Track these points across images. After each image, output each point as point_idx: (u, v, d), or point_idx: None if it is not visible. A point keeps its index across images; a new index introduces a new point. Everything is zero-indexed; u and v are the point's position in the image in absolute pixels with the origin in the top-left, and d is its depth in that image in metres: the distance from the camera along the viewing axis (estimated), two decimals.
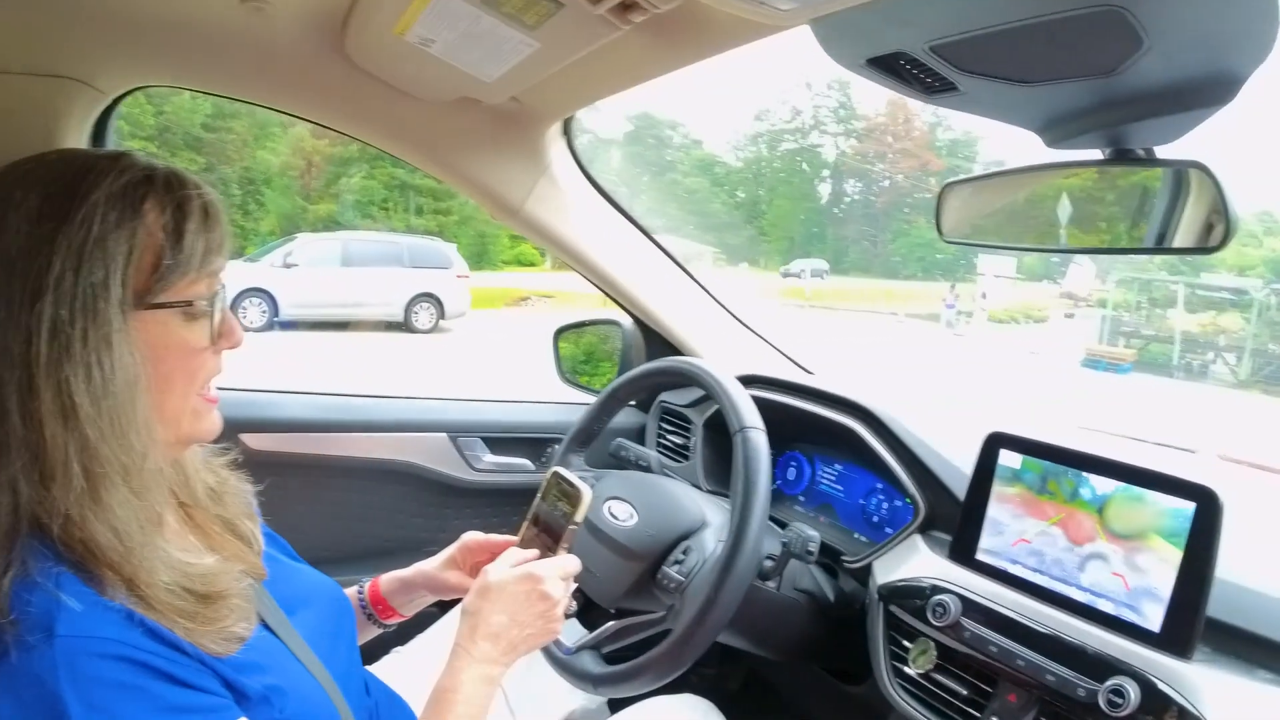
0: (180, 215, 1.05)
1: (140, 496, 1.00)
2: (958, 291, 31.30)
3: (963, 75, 1.41)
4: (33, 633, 0.89)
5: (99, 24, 1.74)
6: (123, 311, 0.99)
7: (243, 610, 1.07)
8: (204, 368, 1.11)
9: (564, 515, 1.38)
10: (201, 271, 1.07)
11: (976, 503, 1.58)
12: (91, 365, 0.96)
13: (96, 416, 0.96)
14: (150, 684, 0.93)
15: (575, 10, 1.35)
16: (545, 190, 2.25)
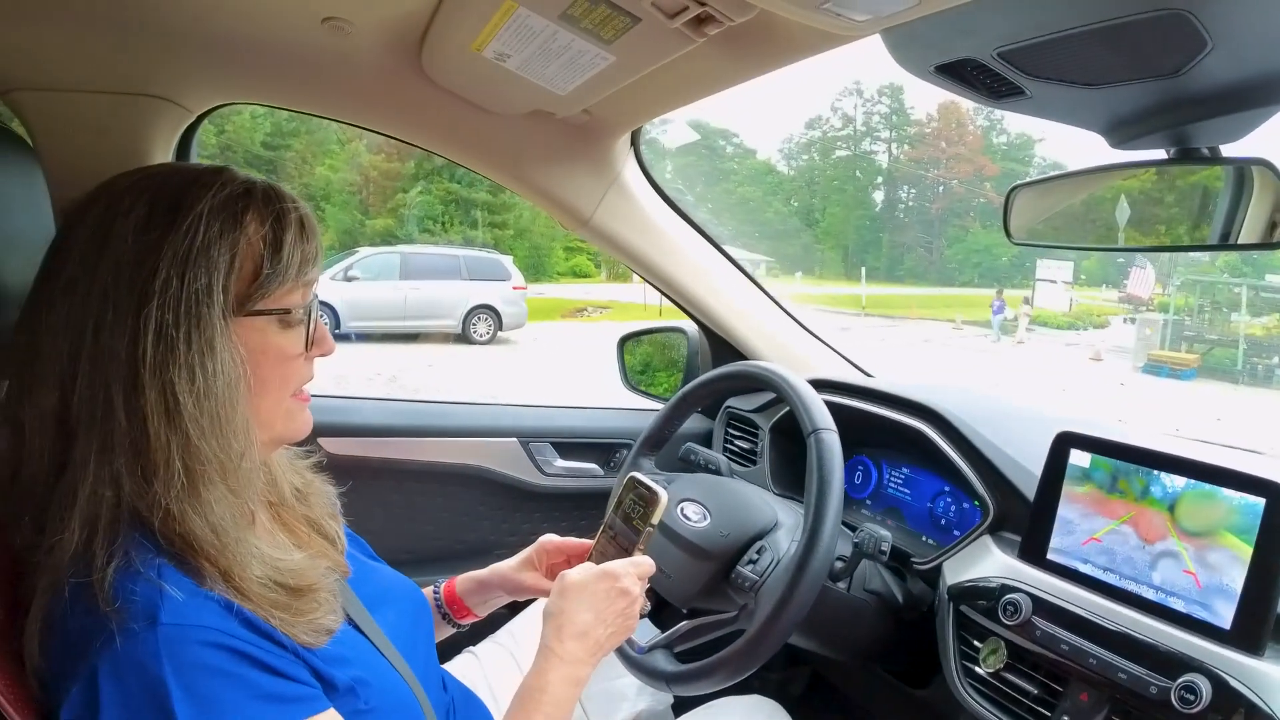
0: (279, 227, 1.10)
1: (236, 494, 1.05)
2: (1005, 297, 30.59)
3: (1029, 80, 1.43)
4: (137, 620, 0.93)
5: (187, 45, 1.81)
6: (224, 317, 1.04)
7: (330, 604, 1.12)
8: (297, 373, 1.17)
9: (641, 518, 1.42)
10: (298, 281, 1.12)
11: (1047, 502, 1.58)
12: (195, 367, 1.01)
13: (199, 416, 1.01)
14: (248, 672, 0.97)
15: (652, 24, 1.38)
16: (614, 200, 2.29)
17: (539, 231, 35.84)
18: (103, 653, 0.93)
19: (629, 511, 1.45)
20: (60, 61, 1.80)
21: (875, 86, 54.30)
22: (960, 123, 51.43)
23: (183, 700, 0.91)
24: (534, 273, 31.65)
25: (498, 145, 2.17)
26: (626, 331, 2.99)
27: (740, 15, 1.31)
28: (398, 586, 1.47)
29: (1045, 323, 32.13)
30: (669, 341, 2.96)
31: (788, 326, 2.61)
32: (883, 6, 1.16)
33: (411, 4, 1.60)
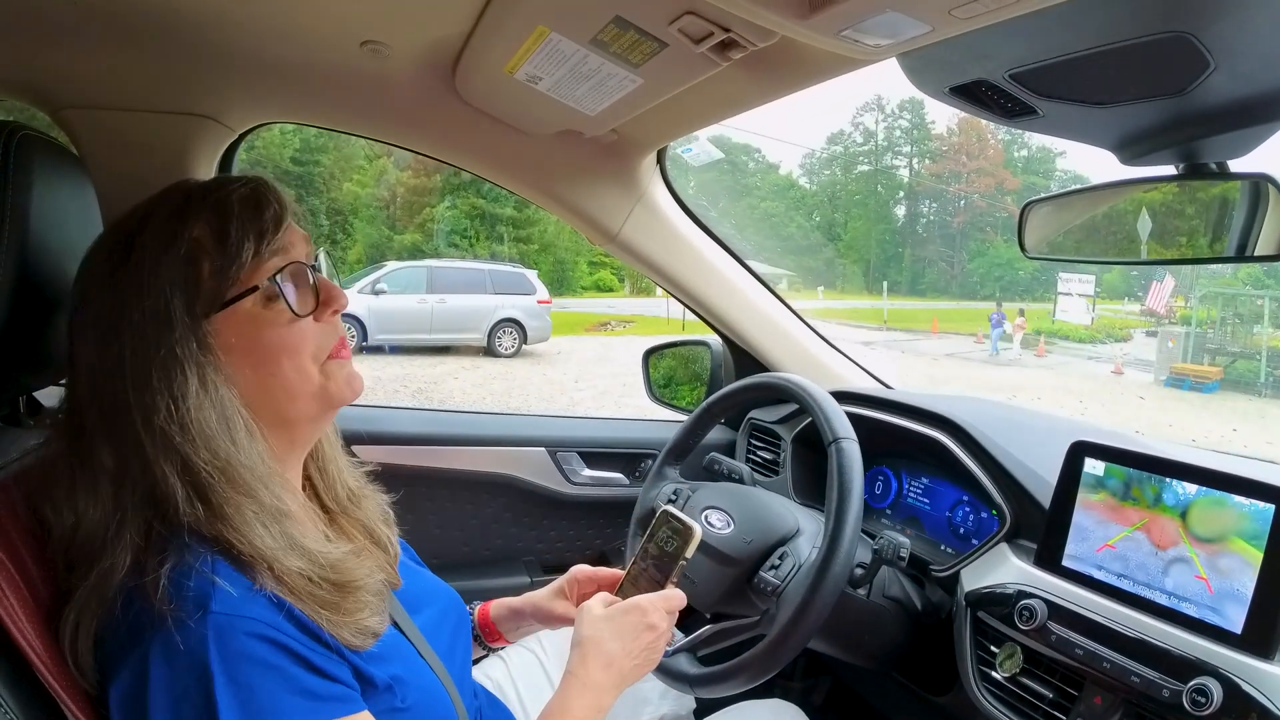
0: (220, 216, 1.13)
1: (248, 494, 1.08)
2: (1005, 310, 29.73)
3: (1041, 99, 1.47)
4: (189, 610, 0.98)
5: (232, 67, 1.88)
6: (192, 328, 1.08)
7: (375, 606, 1.16)
8: (307, 340, 1.18)
9: (674, 551, 1.46)
10: (262, 256, 1.14)
11: (1062, 510, 1.61)
12: (169, 388, 1.06)
13: (181, 433, 1.05)
14: (289, 666, 1.02)
15: (678, 49, 1.43)
16: (640, 216, 2.34)
17: (563, 246, 35.90)
18: (155, 639, 0.97)
19: (661, 544, 1.49)
20: (109, 81, 1.87)
21: (896, 101, 54.11)
22: (981, 137, 51.15)
23: (225, 687, 0.96)
24: (558, 287, 31.68)
25: (528, 163, 2.23)
26: (651, 345, 3.03)
27: (763, 40, 1.35)
28: (439, 592, 1.51)
29: (1066, 336, 31.83)
30: (692, 355, 2.99)
31: (809, 339, 2.64)
32: (898, 33, 1.20)
33: (447, 28, 1.66)
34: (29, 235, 1.18)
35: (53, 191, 1.26)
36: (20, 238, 1.17)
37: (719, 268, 2.49)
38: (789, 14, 1.17)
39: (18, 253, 1.16)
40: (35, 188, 1.20)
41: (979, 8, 1.08)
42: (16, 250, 1.16)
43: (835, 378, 2.62)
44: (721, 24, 1.33)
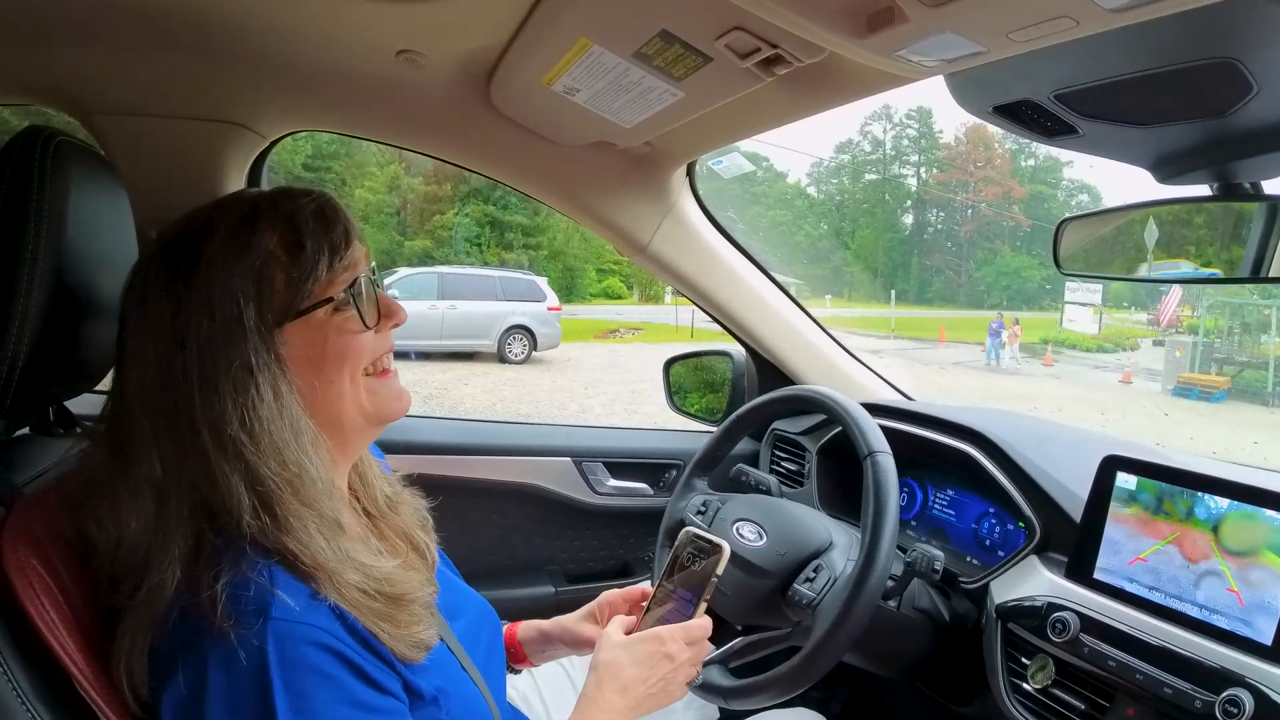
0: (294, 229, 1.14)
1: (311, 506, 1.09)
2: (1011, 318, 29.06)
3: (1083, 120, 1.48)
4: (249, 616, 0.98)
5: (266, 75, 1.90)
6: (264, 336, 1.09)
7: (427, 619, 1.17)
8: (362, 349, 1.19)
9: (703, 570, 1.45)
10: (335, 269, 1.15)
11: (1094, 523, 1.62)
12: (239, 397, 1.06)
13: (252, 443, 1.06)
14: (344, 676, 1.02)
15: (723, 64, 1.44)
16: (670, 228, 2.35)
17: (573, 253, 35.98)
18: (213, 646, 0.98)
19: (688, 564, 1.48)
20: (141, 87, 1.89)
21: (904, 110, 54.22)
22: (988, 146, 51.12)
23: (283, 693, 0.96)
24: (567, 294, 31.74)
25: (560, 174, 2.24)
26: (672, 355, 3.03)
27: (809, 57, 1.36)
28: (472, 601, 1.51)
29: (1074, 345, 31.78)
30: (705, 364, 2.99)
31: (833, 351, 2.65)
32: (951, 53, 1.21)
33: (485, 39, 1.67)
34: (64, 243, 1.18)
35: (88, 198, 1.26)
36: (56, 245, 1.17)
37: (746, 279, 2.49)
38: (845, 33, 1.19)
39: (54, 260, 1.16)
40: (71, 194, 1.20)
41: (1035, 32, 1.10)
42: (52, 258, 1.16)
43: (859, 389, 2.62)
44: (770, 40, 1.34)
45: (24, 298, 1.12)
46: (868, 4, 1.15)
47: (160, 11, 1.65)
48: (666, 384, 3.00)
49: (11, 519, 1.08)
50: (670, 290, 19.69)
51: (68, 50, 1.81)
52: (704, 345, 3.01)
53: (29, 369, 1.15)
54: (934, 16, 1.09)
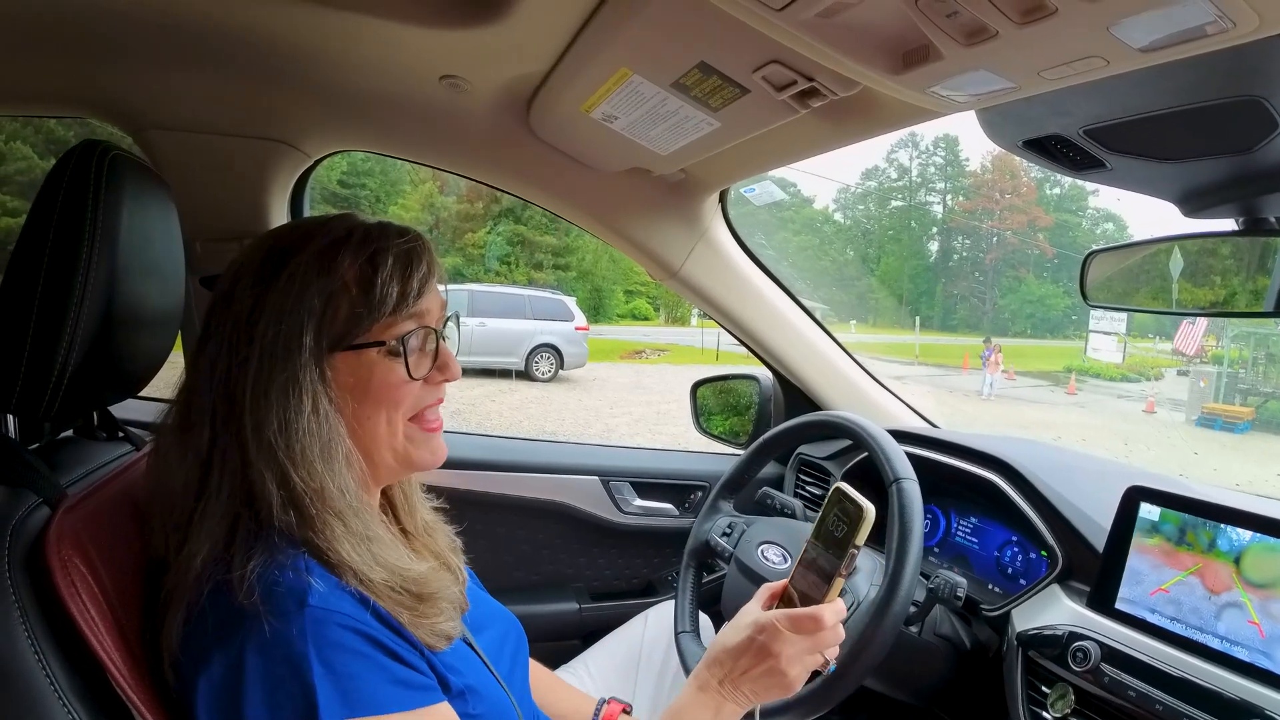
0: (371, 266, 1.17)
1: (338, 516, 1.12)
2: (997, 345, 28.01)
3: (1111, 154, 1.50)
4: (285, 604, 1.02)
5: (313, 96, 1.95)
6: (317, 357, 1.14)
7: (450, 613, 1.20)
8: (409, 398, 1.22)
9: (843, 536, 1.29)
10: (399, 314, 1.19)
11: (1117, 554, 1.62)
12: (282, 406, 1.11)
13: (287, 450, 1.10)
14: (380, 657, 1.06)
15: (760, 95, 1.47)
16: (702, 253, 2.37)
17: (601, 274, 36.00)
18: (251, 633, 1.01)
19: (831, 529, 1.32)
20: (192, 105, 1.94)
21: (931, 138, 54.04)
22: (1014, 174, 50.75)
23: (323, 676, 1.00)
24: (594, 314, 31.76)
25: (596, 198, 2.27)
26: (700, 378, 3.05)
27: (844, 91, 1.39)
28: (499, 615, 1.53)
29: (1098, 374, 31.56)
30: (730, 387, 3.01)
31: (860, 377, 2.66)
32: (983, 88, 1.24)
33: (527, 66, 1.71)
34: (117, 254, 1.21)
35: (141, 211, 1.28)
36: (109, 256, 1.19)
37: (775, 305, 2.51)
38: (881, 69, 1.22)
39: (107, 271, 1.18)
40: (125, 206, 1.22)
41: (1067, 70, 1.12)
42: (106, 268, 1.18)
43: (886, 415, 2.63)
44: (806, 73, 1.37)
45: (77, 306, 1.14)
46: (904, 41, 1.19)
47: (213, 32, 1.70)
48: (694, 406, 3.02)
49: (57, 519, 1.10)
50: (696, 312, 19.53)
51: (122, 66, 1.86)
52: (731, 369, 3.03)
53: (77, 374, 1.17)
54: (968, 55, 1.12)
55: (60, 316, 1.14)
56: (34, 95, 2.04)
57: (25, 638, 1.01)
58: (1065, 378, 30.03)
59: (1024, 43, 1.07)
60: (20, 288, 1.14)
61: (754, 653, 1.31)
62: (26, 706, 0.99)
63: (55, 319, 1.14)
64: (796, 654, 1.30)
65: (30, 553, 1.06)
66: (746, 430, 2.89)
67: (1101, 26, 0.99)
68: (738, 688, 1.33)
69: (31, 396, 1.16)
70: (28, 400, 1.16)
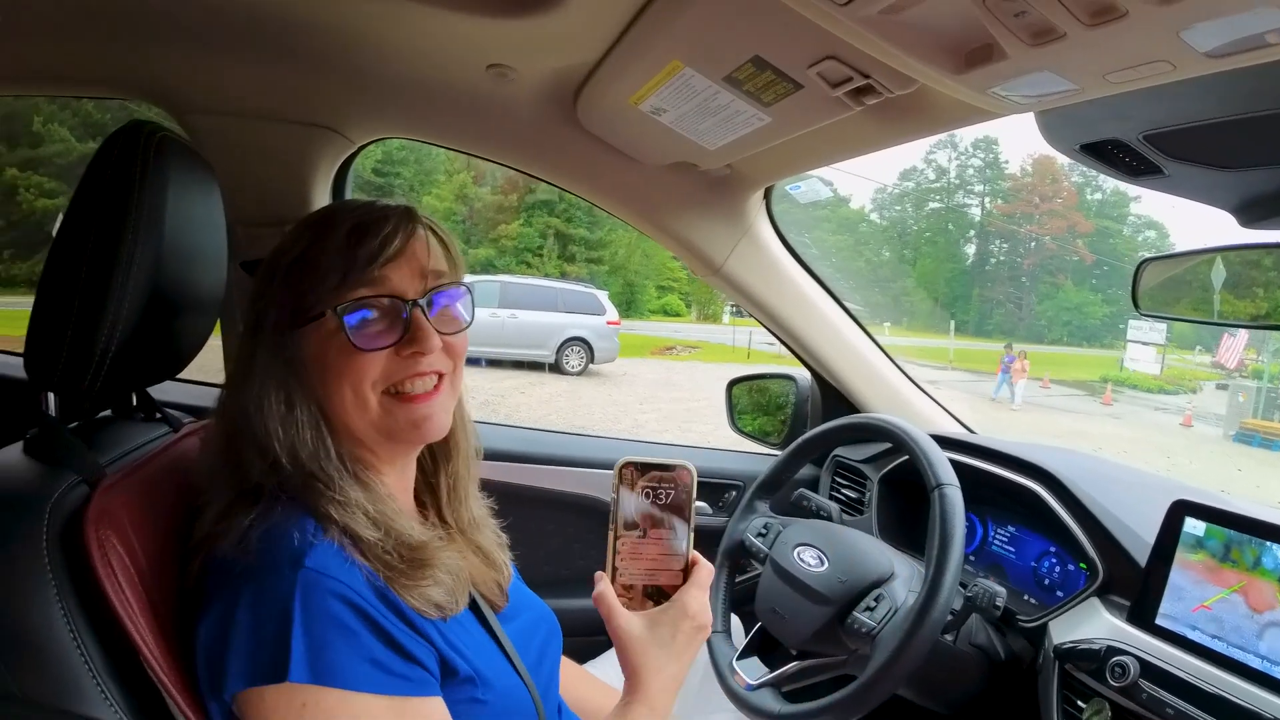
0: (324, 236, 1.19)
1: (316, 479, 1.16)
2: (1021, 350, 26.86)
3: (1169, 161, 1.47)
4: (284, 561, 1.06)
5: (359, 82, 1.95)
6: (279, 333, 1.19)
7: (447, 583, 1.20)
8: (371, 370, 1.20)
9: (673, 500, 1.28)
10: (347, 284, 1.18)
11: (1159, 568, 1.59)
12: (251, 381, 1.19)
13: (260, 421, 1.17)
14: (364, 635, 1.07)
15: (813, 92, 1.45)
16: (745, 250, 2.35)
17: (633, 269, 36.09)
18: (248, 583, 1.06)
19: (650, 499, 1.28)
20: (238, 89, 1.96)
21: (970, 140, 53.61)
22: (1055, 178, 50.29)
23: (300, 638, 1.02)
24: (626, 309, 31.80)
25: (640, 192, 2.26)
26: (736, 376, 3.03)
27: (901, 89, 1.38)
28: (533, 605, 1.53)
29: (1135, 385, 31.29)
30: (764, 386, 3.00)
31: (898, 380, 2.64)
32: (1045, 90, 1.22)
33: (576, 56, 1.70)
34: (161, 235, 1.22)
35: (185, 193, 1.30)
36: (154, 238, 1.20)
37: (816, 304, 2.49)
38: (942, 68, 1.20)
39: (151, 253, 1.20)
40: (170, 188, 1.24)
41: (1132, 74, 1.10)
42: (150, 250, 1.20)
43: (924, 420, 2.61)
44: (862, 70, 1.35)
45: (120, 287, 1.16)
46: (967, 40, 1.17)
47: (260, 16, 1.71)
48: (729, 404, 3.00)
49: (95, 498, 1.12)
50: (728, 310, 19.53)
51: (168, 50, 1.88)
52: (767, 368, 3.03)
53: (119, 355, 1.19)
54: (1033, 55, 1.10)
55: (103, 296, 1.15)
56: (81, 77, 2.08)
57: (61, 615, 1.03)
58: (1101, 388, 29.77)
59: (1091, 44, 1.05)
60: (65, 266, 1.16)
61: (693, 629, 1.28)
62: (60, 683, 1.02)
63: (98, 299, 1.15)
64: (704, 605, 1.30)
65: (67, 530, 1.08)
66: (780, 430, 2.87)
67: (1172, 31, 0.97)
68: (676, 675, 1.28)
69: (73, 375, 1.17)
70: (69, 379, 1.18)
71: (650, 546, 1.29)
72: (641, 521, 1.28)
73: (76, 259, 1.16)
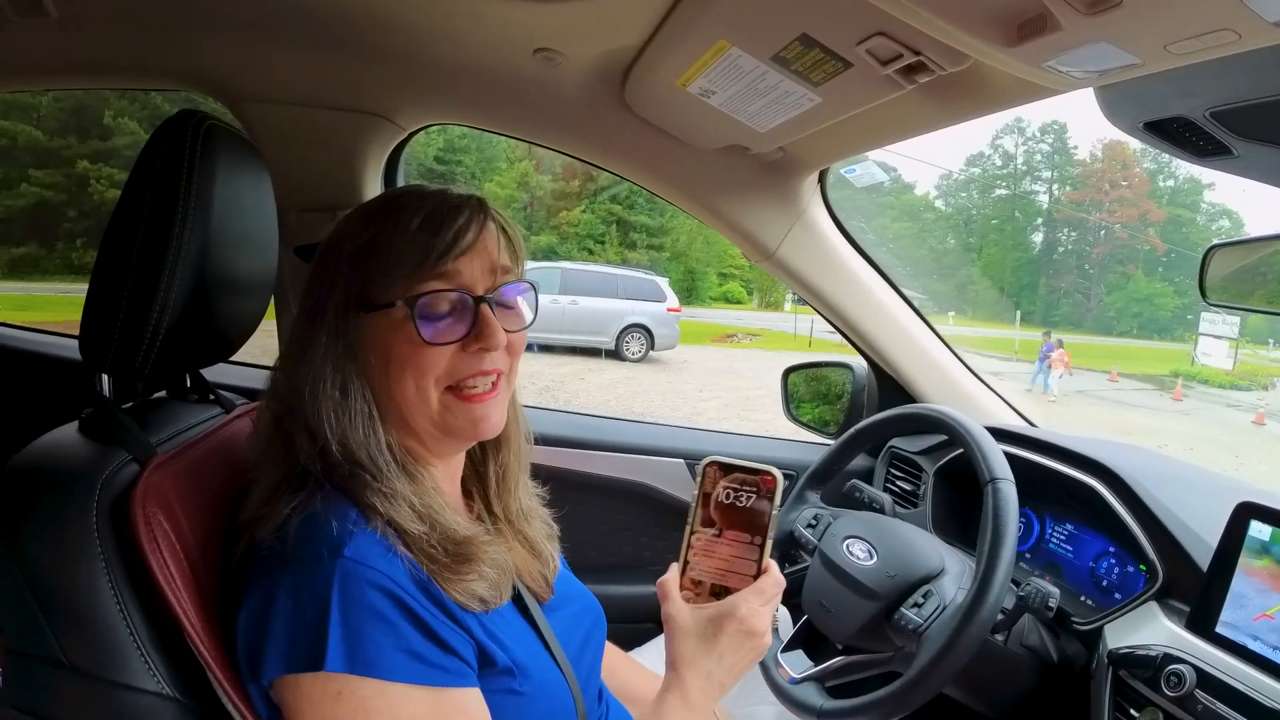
0: (400, 223, 1.18)
1: (364, 469, 1.15)
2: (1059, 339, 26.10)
3: (1239, 140, 1.41)
4: (324, 550, 1.06)
5: (407, 69, 1.97)
6: (341, 319, 1.18)
7: (491, 578, 1.19)
8: (436, 365, 1.19)
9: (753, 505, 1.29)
10: (420, 275, 1.17)
11: (1221, 574, 1.52)
12: (309, 366, 1.18)
13: (312, 406, 1.16)
14: (402, 625, 1.06)
15: (863, 70, 1.42)
16: (799, 235, 2.32)
17: (695, 256, 36.18)
18: (287, 571, 1.07)
19: (730, 502, 1.31)
20: (289, 77, 1.98)
21: (1037, 124, 52.80)
22: (1126, 164, 49.33)
23: (337, 626, 1.02)
24: (687, 296, 31.88)
25: (691, 176, 2.24)
26: (792, 364, 3.00)
27: (953, 65, 1.34)
28: (579, 595, 1.52)
29: (1207, 380, 30.75)
30: (823, 375, 2.96)
31: (958, 370, 2.59)
32: (1103, 64, 1.17)
33: (623, 39, 1.69)
34: (210, 221, 1.24)
35: (234, 180, 1.32)
36: (203, 223, 1.23)
37: (873, 291, 2.46)
38: (993, 41, 1.16)
39: (200, 238, 1.22)
40: (219, 177, 1.26)
41: (1195, 44, 1.06)
42: (199, 235, 1.22)
43: (983, 412, 2.56)
44: (913, 46, 1.32)
45: (170, 270, 1.19)
46: (1019, 11, 1.13)
47: (310, 5, 1.74)
48: (784, 392, 2.97)
49: (145, 477, 1.15)
50: (790, 297, 19.52)
51: (221, 40, 1.93)
52: (824, 356, 2.99)
53: (170, 337, 1.22)
54: (1089, 25, 1.06)
55: (154, 280, 1.19)
56: (137, 68, 2.14)
57: (109, 588, 1.08)
58: (1171, 382, 29.25)
59: (1150, 12, 1.00)
60: (118, 251, 1.20)
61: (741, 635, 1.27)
62: (106, 652, 1.07)
63: (150, 282, 1.19)
64: (765, 618, 1.29)
65: (117, 507, 1.12)
66: (837, 420, 2.84)
67: None
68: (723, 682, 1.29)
69: (125, 356, 1.22)
70: (121, 360, 1.22)
71: (724, 547, 1.30)
72: (719, 520, 1.30)
73: (128, 245, 1.19)
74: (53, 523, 1.10)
